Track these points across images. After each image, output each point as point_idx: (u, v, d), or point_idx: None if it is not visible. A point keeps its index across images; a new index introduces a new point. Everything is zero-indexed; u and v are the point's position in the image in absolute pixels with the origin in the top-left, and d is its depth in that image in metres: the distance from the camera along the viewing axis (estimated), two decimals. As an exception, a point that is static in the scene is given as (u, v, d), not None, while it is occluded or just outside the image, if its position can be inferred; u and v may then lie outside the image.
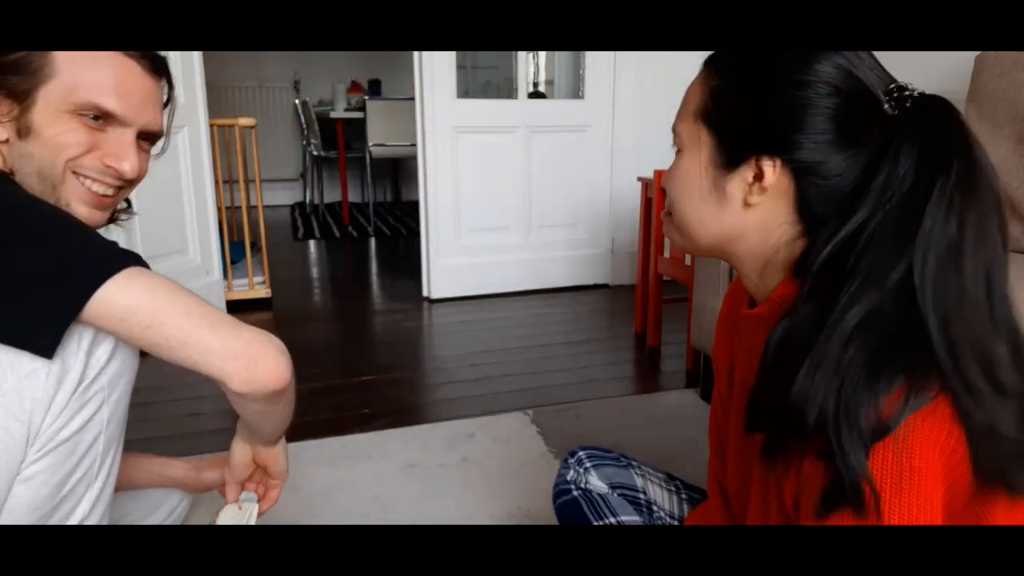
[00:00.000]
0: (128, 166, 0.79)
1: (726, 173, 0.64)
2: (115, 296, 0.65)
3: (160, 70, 0.83)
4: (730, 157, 0.64)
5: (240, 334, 0.70)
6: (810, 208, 0.63)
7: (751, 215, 0.65)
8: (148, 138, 0.84)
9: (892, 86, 0.61)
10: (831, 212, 0.62)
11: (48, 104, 0.74)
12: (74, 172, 0.77)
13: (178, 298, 0.68)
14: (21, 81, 0.73)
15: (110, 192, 0.80)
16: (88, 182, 0.78)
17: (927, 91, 0.61)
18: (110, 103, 0.77)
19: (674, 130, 0.69)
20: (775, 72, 0.62)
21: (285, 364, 0.72)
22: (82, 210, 0.79)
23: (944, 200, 0.55)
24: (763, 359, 0.61)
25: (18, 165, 0.75)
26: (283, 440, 0.95)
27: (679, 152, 0.68)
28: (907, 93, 0.60)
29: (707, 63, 0.68)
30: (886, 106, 0.60)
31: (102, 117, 0.77)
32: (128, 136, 0.80)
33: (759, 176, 0.63)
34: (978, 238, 0.55)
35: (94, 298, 0.64)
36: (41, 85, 0.74)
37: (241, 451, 0.93)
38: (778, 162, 0.62)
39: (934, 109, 0.59)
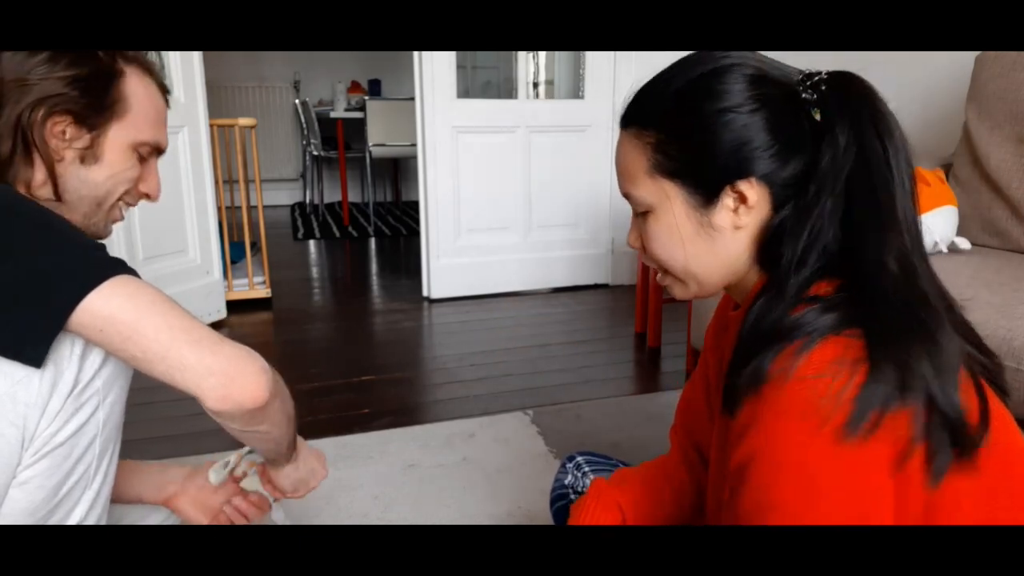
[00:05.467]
0: (159, 193, 0.87)
1: (708, 209, 0.65)
2: (96, 306, 0.64)
3: (168, 103, 0.88)
4: (706, 195, 0.65)
5: (220, 351, 0.68)
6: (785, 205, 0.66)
7: (741, 234, 0.67)
8: None
9: (801, 75, 0.65)
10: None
11: (119, 139, 0.79)
12: (118, 199, 0.83)
13: (160, 311, 0.67)
14: (96, 111, 0.77)
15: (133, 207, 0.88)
16: (123, 206, 0.85)
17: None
18: (163, 141, 0.85)
19: (629, 197, 0.69)
20: (703, 106, 0.63)
21: (264, 383, 0.70)
22: (111, 227, 0.85)
23: (899, 159, 0.60)
24: (737, 342, 0.63)
25: (72, 186, 0.78)
26: (296, 461, 0.94)
27: (648, 214, 0.68)
28: (816, 77, 0.64)
29: (625, 125, 0.69)
30: (803, 94, 0.63)
31: (152, 153, 0.85)
32: (156, 163, 0.87)
33: (742, 199, 0.64)
34: (915, 188, 0.62)
35: (77, 308, 0.64)
36: (115, 119, 0.79)
37: None
38: (752, 180, 0.64)
39: (848, 84, 0.63)
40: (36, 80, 0.73)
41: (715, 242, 0.66)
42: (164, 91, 0.86)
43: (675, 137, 0.65)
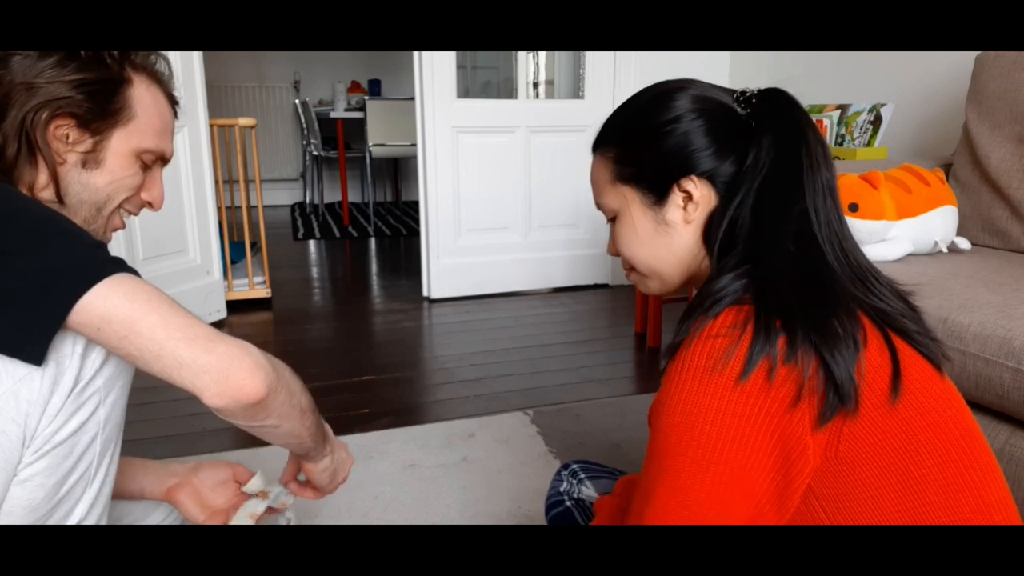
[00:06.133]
0: (162, 203, 0.88)
1: (661, 207, 0.74)
2: (94, 305, 0.64)
3: (176, 113, 0.89)
4: (657, 194, 0.74)
5: (214, 348, 0.68)
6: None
7: (692, 228, 0.74)
8: None
9: (736, 94, 0.74)
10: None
11: (121, 145, 0.80)
12: (118, 206, 0.83)
13: (156, 309, 0.67)
14: (99, 116, 0.77)
15: (135, 216, 0.88)
16: (124, 214, 0.85)
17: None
18: (168, 151, 0.85)
19: (600, 207, 0.81)
20: (651, 121, 0.73)
21: (261, 379, 0.70)
22: (111, 233, 0.85)
23: (811, 158, 0.68)
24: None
25: (73, 190, 0.78)
26: (330, 458, 0.94)
27: (615, 219, 0.78)
28: (748, 94, 0.73)
29: (594, 149, 0.80)
30: (738, 109, 0.73)
31: (155, 161, 0.85)
32: (161, 173, 0.87)
33: (688, 196, 0.73)
34: (832, 184, 0.70)
35: (75, 306, 0.64)
36: (119, 126, 0.79)
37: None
38: (694, 178, 0.72)
39: (775, 97, 0.72)
40: (43, 83, 0.74)
41: (671, 237, 0.75)
42: (173, 102, 0.86)
43: (630, 148, 0.76)
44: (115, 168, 0.80)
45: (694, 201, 0.72)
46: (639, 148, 0.75)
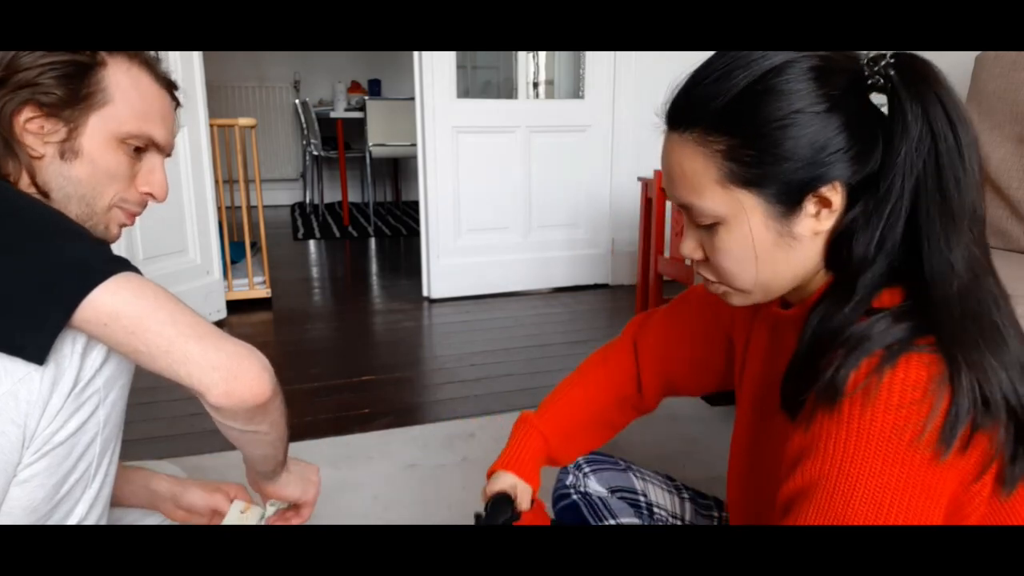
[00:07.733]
0: (163, 192, 0.83)
1: (790, 219, 0.61)
2: (102, 301, 0.64)
3: (176, 99, 0.86)
4: (790, 204, 0.61)
5: (223, 347, 0.69)
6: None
7: (819, 240, 0.63)
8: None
9: (865, 60, 0.61)
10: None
11: (99, 131, 0.75)
12: (114, 201, 0.79)
13: (164, 306, 0.67)
14: (69, 102, 0.73)
15: (141, 211, 0.84)
16: (123, 211, 0.81)
17: None
18: (158, 135, 0.80)
19: (691, 207, 0.64)
20: (772, 108, 0.59)
21: (267, 380, 0.71)
22: (115, 229, 0.81)
23: (970, 154, 0.57)
24: (799, 344, 0.61)
25: (56, 184, 0.75)
26: (293, 470, 0.93)
27: (717, 226, 0.63)
28: (883, 64, 0.60)
29: (682, 127, 0.63)
30: (870, 80, 0.61)
31: (144, 148, 0.80)
32: (160, 161, 0.83)
33: (825, 204, 0.61)
34: (981, 182, 0.59)
35: (82, 303, 0.64)
36: (94, 111, 0.75)
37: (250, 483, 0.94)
38: (837, 184, 0.60)
39: (919, 70, 0.60)
40: (10, 74, 0.71)
41: (793, 251, 0.63)
42: (166, 85, 0.82)
43: (750, 143, 0.60)
44: (95, 157, 0.75)
45: (831, 210, 0.61)
46: (765, 145, 0.59)
